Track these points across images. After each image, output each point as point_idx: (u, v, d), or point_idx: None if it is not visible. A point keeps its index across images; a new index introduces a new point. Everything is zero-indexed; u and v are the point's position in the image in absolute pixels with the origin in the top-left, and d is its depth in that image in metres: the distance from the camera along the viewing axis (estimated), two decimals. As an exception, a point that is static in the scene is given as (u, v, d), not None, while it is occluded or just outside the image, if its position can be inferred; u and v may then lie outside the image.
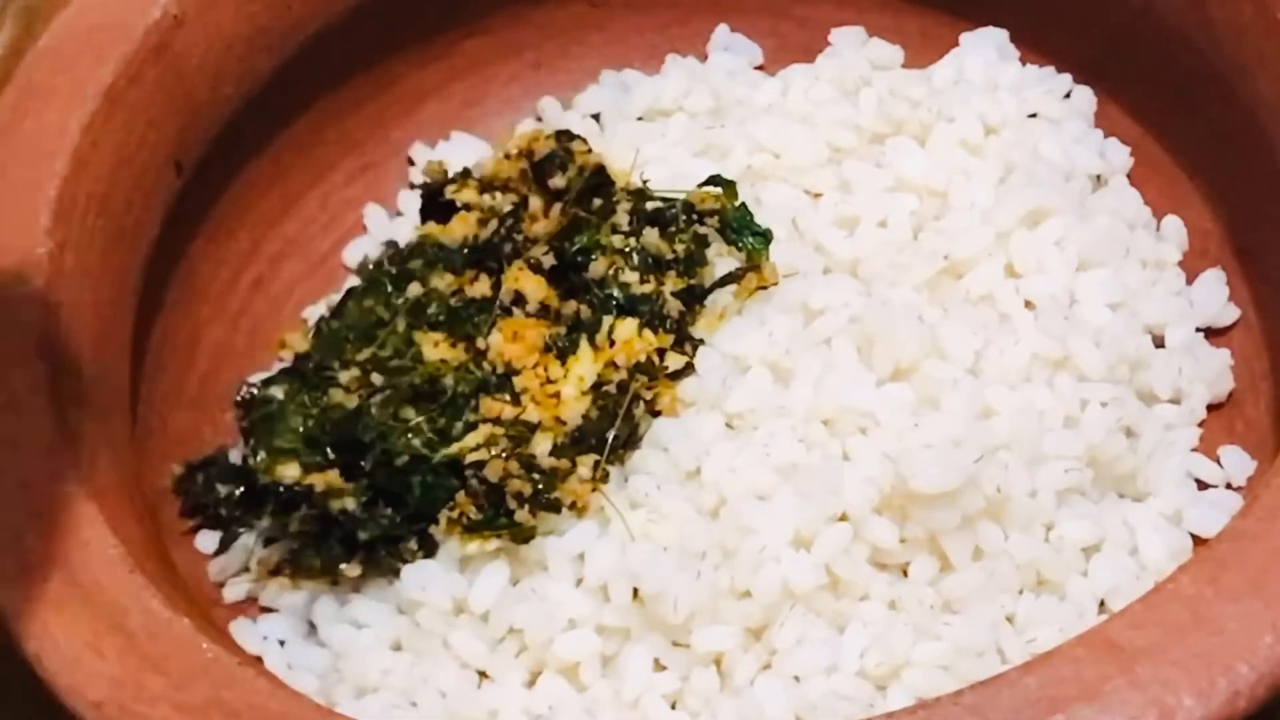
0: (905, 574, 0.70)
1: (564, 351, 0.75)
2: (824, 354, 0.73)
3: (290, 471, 0.74)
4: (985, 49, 0.87)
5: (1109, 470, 0.72)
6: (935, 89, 0.84)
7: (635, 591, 0.69)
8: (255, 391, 0.78)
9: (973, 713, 0.55)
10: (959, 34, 0.88)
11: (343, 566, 0.74)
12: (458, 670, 0.71)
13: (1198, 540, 0.72)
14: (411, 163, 0.91)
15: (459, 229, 0.80)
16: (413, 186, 0.88)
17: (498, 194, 0.81)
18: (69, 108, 0.74)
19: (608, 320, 0.75)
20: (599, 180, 0.80)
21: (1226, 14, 0.74)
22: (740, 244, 0.78)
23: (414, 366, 0.75)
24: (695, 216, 0.79)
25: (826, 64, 0.87)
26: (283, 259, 0.87)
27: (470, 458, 0.72)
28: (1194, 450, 0.75)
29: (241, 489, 0.77)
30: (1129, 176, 0.84)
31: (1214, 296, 0.79)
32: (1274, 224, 0.76)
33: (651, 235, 0.77)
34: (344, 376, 0.76)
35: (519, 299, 0.77)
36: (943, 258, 0.76)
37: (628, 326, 0.75)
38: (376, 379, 0.75)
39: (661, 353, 0.75)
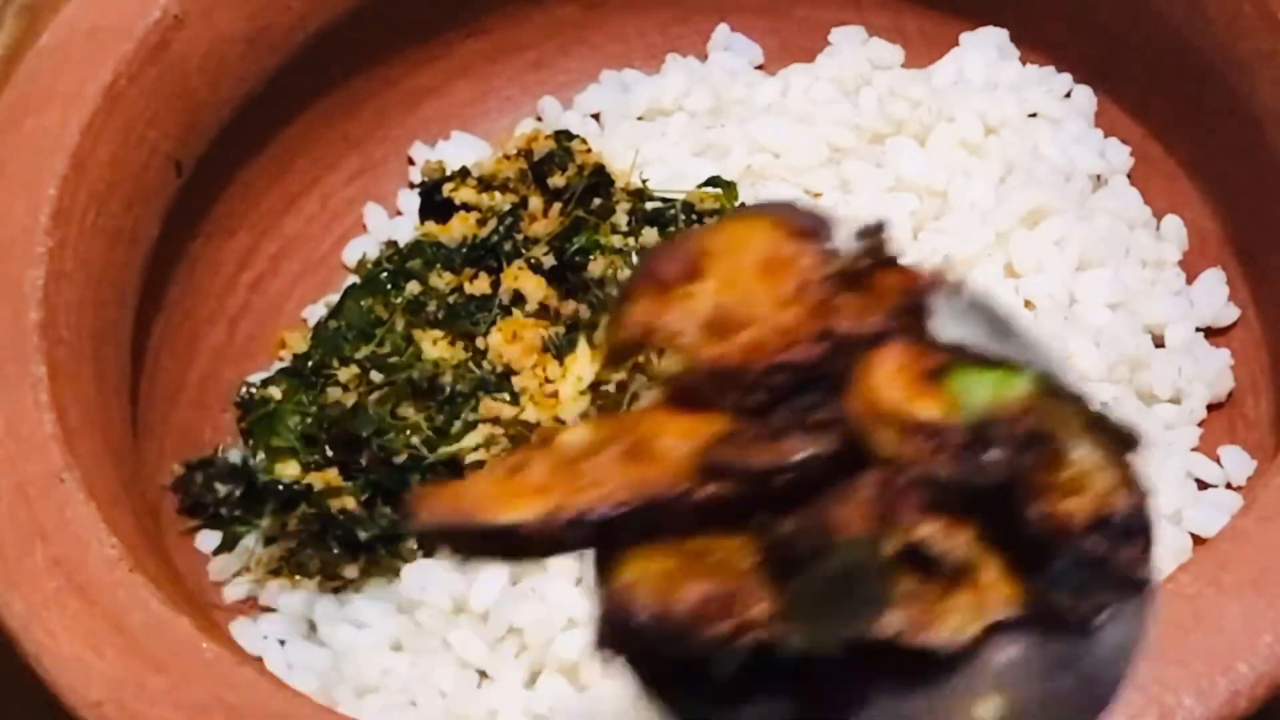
0: (905, 574, 0.70)
1: (562, 351, 0.75)
2: (824, 354, 0.73)
3: (290, 470, 0.74)
4: (985, 49, 0.87)
5: (1109, 470, 0.72)
6: (935, 89, 0.84)
7: (635, 591, 0.69)
8: (254, 391, 0.78)
9: (972, 712, 0.55)
10: (959, 34, 0.88)
11: (343, 567, 0.74)
12: (458, 670, 0.71)
13: (1198, 540, 0.72)
14: (411, 162, 0.91)
15: (458, 228, 0.80)
16: (412, 186, 0.88)
17: (497, 193, 0.81)
18: (69, 108, 0.74)
19: (606, 319, 0.75)
20: (599, 180, 0.80)
21: (1226, 14, 0.74)
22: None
23: (413, 364, 0.75)
24: (695, 216, 0.79)
25: (826, 64, 0.87)
26: (283, 259, 0.87)
27: (470, 458, 0.72)
28: (1194, 450, 0.75)
29: (241, 489, 0.77)
30: (1129, 176, 0.84)
31: (1214, 296, 0.79)
32: (1274, 224, 0.76)
33: (651, 235, 0.77)
34: (343, 374, 0.76)
35: (518, 298, 0.77)
36: (942, 257, 0.76)
37: (626, 326, 0.75)
38: (375, 377, 0.75)
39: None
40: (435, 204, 0.83)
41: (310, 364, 0.78)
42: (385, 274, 0.81)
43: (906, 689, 0.43)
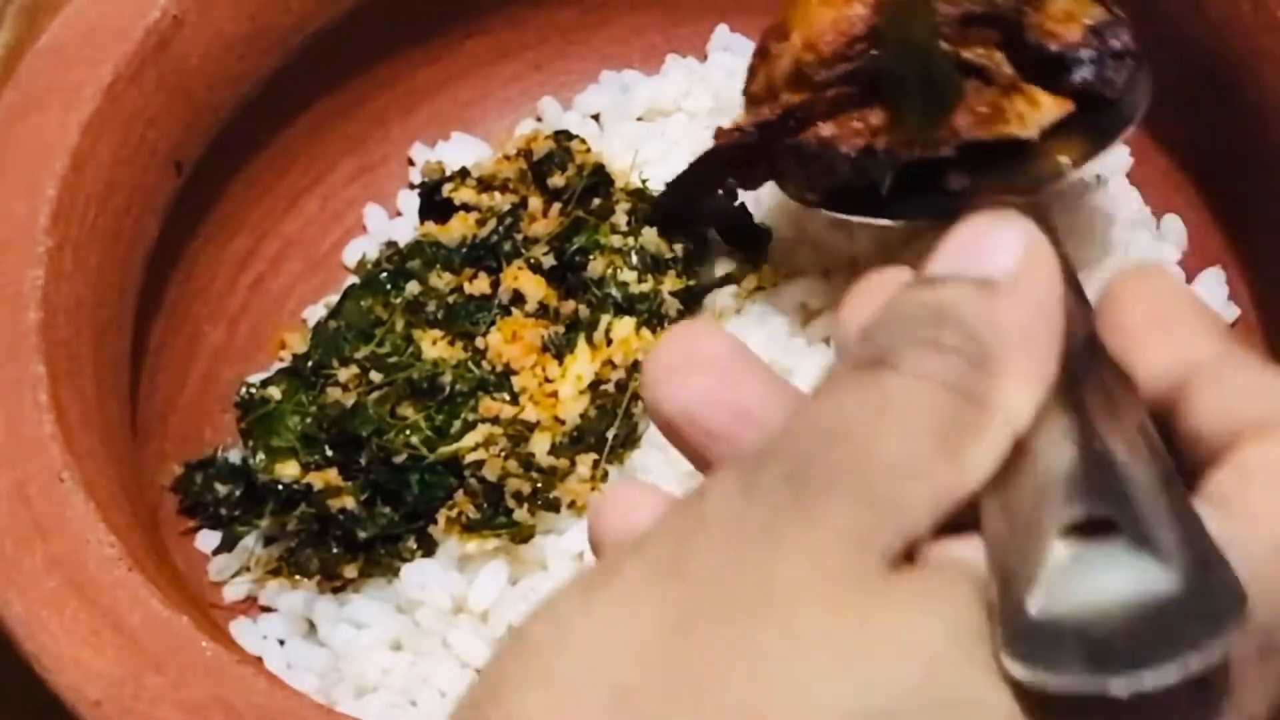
0: (905, 574, 0.70)
1: (561, 350, 0.75)
2: (823, 354, 0.73)
3: (289, 470, 0.74)
4: (985, 49, 0.87)
5: (1109, 470, 0.72)
6: (935, 89, 0.84)
7: (634, 591, 0.69)
8: (254, 391, 0.78)
9: (972, 712, 0.55)
10: (959, 34, 0.88)
11: (343, 566, 0.74)
12: (458, 670, 0.71)
13: (1197, 540, 0.72)
14: (411, 163, 0.91)
15: (458, 228, 0.80)
16: (412, 186, 0.88)
17: (497, 194, 0.81)
18: (69, 108, 0.74)
19: (605, 319, 0.75)
20: (598, 180, 0.80)
21: (1226, 13, 0.75)
22: (739, 244, 0.78)
23: (412, 364, 0.75)
24: (695, 216, 0.79)
25: (826, 64, 0.87)
26: (283, 259, 0.87)
27: (469, 457, 0.72)
28: (1194, 450, 0.75)
29: (241, 489, 0.77)
30: (1128, 176, 0.84)
31: (1213, 296, 0.79)
32: (1274, 224, 0.76)
33: (650, 235, 0.77)
34: (343, 374, 0.76)
35: (518, 298, 0.77)
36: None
37: (625, 325, 0.75)
38: (375, 377, 0.75)
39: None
40: (435, 204, 0.83)
41: (310, 364, 0.78)
42: (385, 274, 0.81)
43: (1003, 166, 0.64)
